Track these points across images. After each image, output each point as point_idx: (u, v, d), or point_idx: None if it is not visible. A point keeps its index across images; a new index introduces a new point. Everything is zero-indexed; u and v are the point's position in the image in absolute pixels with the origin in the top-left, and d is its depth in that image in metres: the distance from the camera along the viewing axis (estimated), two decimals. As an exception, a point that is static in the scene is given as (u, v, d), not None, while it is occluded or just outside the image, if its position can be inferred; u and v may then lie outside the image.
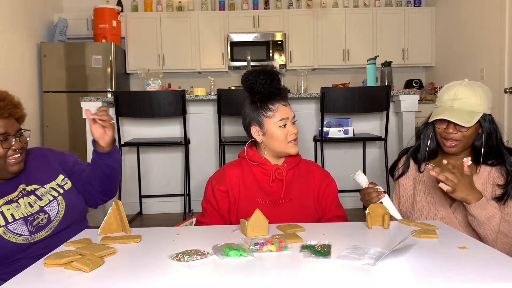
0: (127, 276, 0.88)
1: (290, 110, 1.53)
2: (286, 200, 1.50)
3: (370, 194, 1.37)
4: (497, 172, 1.43)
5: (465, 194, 1.32)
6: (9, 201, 1.37)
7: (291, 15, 5.58)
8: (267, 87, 1.48)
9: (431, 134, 1.52)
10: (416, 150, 1.58)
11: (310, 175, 1.57)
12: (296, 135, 1.52)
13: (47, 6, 5.26)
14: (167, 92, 3.16)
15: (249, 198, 1.50)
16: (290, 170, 1.54)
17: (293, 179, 1.54)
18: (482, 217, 1.32)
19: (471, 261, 0.93)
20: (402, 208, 1.61)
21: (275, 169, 1.51)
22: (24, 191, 1.41)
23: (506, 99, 3.93)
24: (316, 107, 3.57)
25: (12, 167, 1.37)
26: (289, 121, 1.51)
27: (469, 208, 1.33)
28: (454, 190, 1.31)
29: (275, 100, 1.50)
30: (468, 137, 1.43)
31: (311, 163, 1.64)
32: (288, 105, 1.54)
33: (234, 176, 1.53)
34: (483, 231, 1.34)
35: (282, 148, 1.51)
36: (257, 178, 1.52)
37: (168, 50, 5.52)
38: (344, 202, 3.77)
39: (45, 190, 1.44)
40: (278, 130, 1.49)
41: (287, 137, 1.50)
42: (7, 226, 1.32)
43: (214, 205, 1.52)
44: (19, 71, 4.52)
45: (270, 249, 1.02)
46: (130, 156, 3.59)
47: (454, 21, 5.05)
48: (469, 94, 1.41)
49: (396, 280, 0.84)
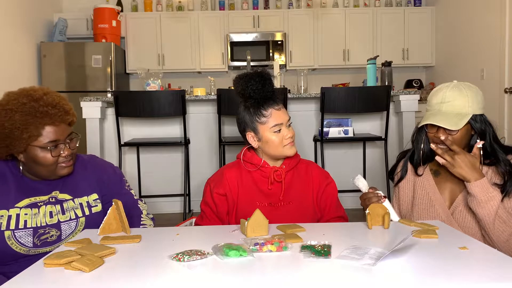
0: (127, 276, 0.88)
1: (284, 114, 1.49)
2: (286, 202, 1.50)
3: (370, 199, 1.36)
4: (494, 171, 1.43)
5: (464, 172, 1.33)
6: (35, 204, 1.34)
7: (291, 15, 5.58)
8: (258, 92, 1.45)
9: (424, 138, 1.52)
10: (413, 154, 1.58)
11: (309, 176, 1.56)
12: (292, 138, 1.50)
13: (47, 6, 5.26)
14: (167, 92, 3.16)
15: (248, 201, 1.50)
16: (289, 171, 1.53)
17: (292, 180, 1.54)
18: (482, 196, 1.32)
19: (471, 261, 0.93)
20: (403, 212, 1.61)
21: (274, 171, 1.50)
22: (54, 199, 1.38)
23: (506, 99, 3.93)
24: (316, 107, 3.57)
25: (62, 171, 1.35)
26: (283, 125, 1.48)
27: (468, 186, 1.34)
28: (453, 165, 1.33)
29: (268, 105, 1.47)
30: (459, 140, 1.41)
31: (310, 163, 1.63)
32: (281, 109, 1.50)
33: (233, 178, 1.52)
34: (481, 210, 1.33)
35: (278, 152, 1.49)
36: (255, 181, 1.52)
37: (168, 50, 5.52)
38: (344, 202, 3.78)
39: (73, 205, 1.40)
40: (273, 136, 1.47)
41: (282, 141, 1.48)
42: (14, 232, 1.30)
43: (213, 208, 1.52)
44: (19, 71, 4.52)
45: (270, 249, 1.02)
46: (130, 156, 3.59)
47: (454, 21, 5.05)
48: (456, 96, 1.40)
49: (396, 280, 0.84)
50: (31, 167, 1.33)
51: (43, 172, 1.33)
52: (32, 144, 1.28)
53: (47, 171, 1.33)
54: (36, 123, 1.26)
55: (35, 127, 1.26)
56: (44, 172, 1.33)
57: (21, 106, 1.26)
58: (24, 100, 1.27)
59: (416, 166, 1.57)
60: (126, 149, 3.58)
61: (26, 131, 1.25)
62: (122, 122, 3.48)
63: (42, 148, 1.29)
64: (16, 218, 1.31)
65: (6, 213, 1.31)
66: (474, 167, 1.34)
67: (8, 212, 1.31)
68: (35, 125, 1.26)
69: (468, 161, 1.34)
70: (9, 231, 1.29)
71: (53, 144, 1.30)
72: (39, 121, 1.27)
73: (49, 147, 1.29)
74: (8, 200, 1.32)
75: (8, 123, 1.25)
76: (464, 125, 1.39)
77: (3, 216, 1.30)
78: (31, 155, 1.29)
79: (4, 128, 1.25)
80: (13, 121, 1.25)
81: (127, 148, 3.56)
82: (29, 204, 1.34)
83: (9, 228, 1.30)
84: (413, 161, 1.58)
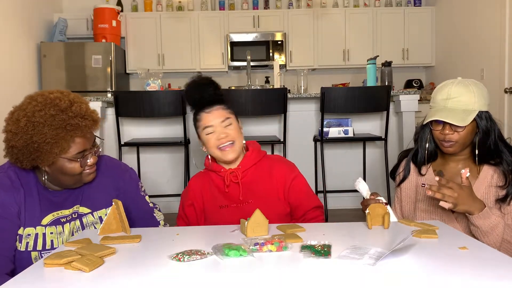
0: (127, 276, 0.88)
1: (215, 116, 1.49)
2: (247, 202, 1.51)
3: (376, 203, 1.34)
4: (499, 173, 1.40)
5: (467, 206, 1.28)
6: (58, 220, 1.30)
7: (291, 15, 5.58)
8: (189, 99, 1.53)
9: (428, 136, 1.49)
10: (416, 153, 1.54)
11: (273, 172, 1.56)
12: (226, 138, 1.48)
13: (47, 6, 5.26)
14: (167, 92, 3.16)
15: (212, 205, 1.54)
16: (247, 171, 1.54)
17: (253, 179, 1.54)
18: (486, 227, 1.29)
19: (471, 261, 0.93)
20: (405, 213, 1.58)
21: (229, 173, 1.52)
22: (75, 214, 1.34)
23: (506, 99, 3.93)
24: (316, 107, 3.56)
25: (86, 178, 1.31)
26: (215, 127, 1.49)
27: (471, 218, 1.30)
28: (455, 205, 1.27)
29: (199, 109, 1.52)
30: (465, 137, 1.39)
31: (276, 159, 1.63)
32: (214, 111, 1.50)
33: (197, 187, 1.58)
34: (486, 240, 1.30)
35: (216, 154, 1.51)
36: (216, 185, 1.55)
37: (168, 50, 5.52)
38: (344, 202, 3.78)
39: (92, 220, 1.36)
40: (206, 138, 1.50)
41: (218, 143, 1.49)
42: (41, 253, 1.25)
43: (185, 219, 1.59)
44: (19, 71, 4.51)
45: (270, 249, 1.02)
46: (130, 156, 3.58)
47: (454, 21, 5.05)
48: (462, 92, 1.37)
49: (396, 280, 0.84)
50: (56, 178, 1.27)
51: (69, 182, 1.28)
52: (61, 156, 1.22)
53: (73, 180, 1.28)
54: (67, 136, 1.20)
55: (65, 141, 1.20)
56: (70, 182, 1.29)
57: (50, 118, 1.18)
58: (52, 112, 1.19)
59: (420, 166, 1.53)
60: (126, 149, 3.58)
61: (56, 145, 1.19)
62: (122, 122, 3.48)
63: (70, 160, 1.23)
64: (42, 238, 1.27)
65: (33, 231, 1.27)
66: (474, 198, 1.29)
67: (35, 230, 1.27)
68: (66, 138, 1.20)
69: (466, 194, 1.28)
70: (36, 252, 1.26)
71: (81, 155, 1.25)
72: (70, 134, 1.21)
73: (78, 158, 1.24)
74: (35, 216, 1.27)
75: (37, 137, 1.17)
76: (470, 122, 1.36)
77: (30, 235, 1.26)
78: (58, 166, 1.23)
79: (33, 142, 1.17)
80: (42, 135, 1.17)
81: (127, 148, 3.56)
82: (52, 220, 1.30)
83: (36, 249, 1.26)
84: (415, 161, 1.55)
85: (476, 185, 1.41)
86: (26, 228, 1.26)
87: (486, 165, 1.43)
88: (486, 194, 1.39)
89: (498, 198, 1.38)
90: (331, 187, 3.52)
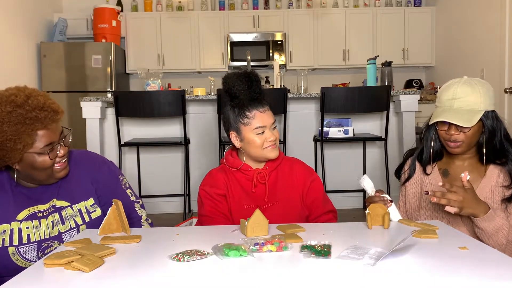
0: (127, 276, 0.88)
1: (269, 117, 1.49)
2: (272, 203, 1.50)
3: (376, 203, 1.34)
4: (505, 173, 1.39)
5: (472, 209, 1.27)
6: (34, 214, 1.30)
7: (291, 15, 5.58)
8: (244, 93, 1.44)
9: (433, 136, 1.48)
10: (421, 152, 1.53)
11: (294, 174, 1.56)
12: (274, 141, 1.49)
13: (47, 6, 5.26)
14: (167, 92, 3.16)
15: (236, 203, 1.50)
16: (272, 172, 1.53)
17: (277, 180, 1.54)
18: (490, 229, 1.29)
19: (471, 261, 0.93)
20: (409, 212, 1.57)
21: (257, 173, 1.50)
22: (53, 208, 1.33)
23: (506, 99, 3.93)
24: (316, 107, 3.56)
25: (59, 174, 1.30)
26: (267, 128, 1.48)
27: (476, 221, 1.29)
28: (461, 209, 1.26)
29: (252, 106, 1.47)
30: (471, 137, 1.37)
31: (294, 161, 1.62)
32: (267, 111, 1.49)
33: (224, 182, 1.52)
34: (491, 242, 1.30)
35: (259, 153, 1.49)
36: (241, 184, 1.52)
37: (168, 50, 5.52)
38: (345, 202, 3.78)
39: (72, 213, 1.35)
40: (255, 137, 1.47)
41: (264, 144, 1.48)
42: (18, 248, 1.26)
43: (215, 207, 1.49)
44: (19, 71, 4.51)
45: (270, 249, 1.02)
46: (130, 156, 3.58)
47: (454, 21, 5.05)
48: (468, 92, 1.36)
49: (396, 280, 0.84)
50: (28, 174, 1.27)
51: (41, 176, 1.28)
52: (28, 152, 1.21)
53: (45, 174, 1.28)
54: (28, 130, 1.19)
55: (27, 135, 1.19)
56: (43, 176, 1.28)
57: (7, 115, 1.17)
58: (8, 108, 1.17)
59: (425, 165, 1.52)
60: (126, 149, 3.58)
61: (19, 141, 1.18)
62: (122, 122, 3.48)
63: (39, 153, 1.23)
64: (18, 232, 1.27)
65: (8, 227, 1.27)
66: (478, 200, 1.29)
67: (10, 226, 1.27)
68: (27, 133, 1.19)
69: (471, 197, 1.27)
70: (13, 247, 1.25)
71: (49, 147, 1.24)
72: (30, 127, 1.19)
73: (46, 151, 1.23)
74: (8, 212, 1.28)
75: None
76: (476, 122, 1.35)
77: (5, 231, 1.26)
78: (28, 162, 1.23)
79: None
80: (3, 133, 1.16)
81: (127, 148, 3.56)
82: (28, 215, 1.30)
83: (12, 244, 1.26)
84: (421, 160, 1.54)
85: (482, 184, 1.41)
86: (1, 225, 1.26)
87: (492, 165, 1.42)
88: (492, 193, 1.39)
89: (504, 198, 1.37)
90: (331, 187, 3.52)
